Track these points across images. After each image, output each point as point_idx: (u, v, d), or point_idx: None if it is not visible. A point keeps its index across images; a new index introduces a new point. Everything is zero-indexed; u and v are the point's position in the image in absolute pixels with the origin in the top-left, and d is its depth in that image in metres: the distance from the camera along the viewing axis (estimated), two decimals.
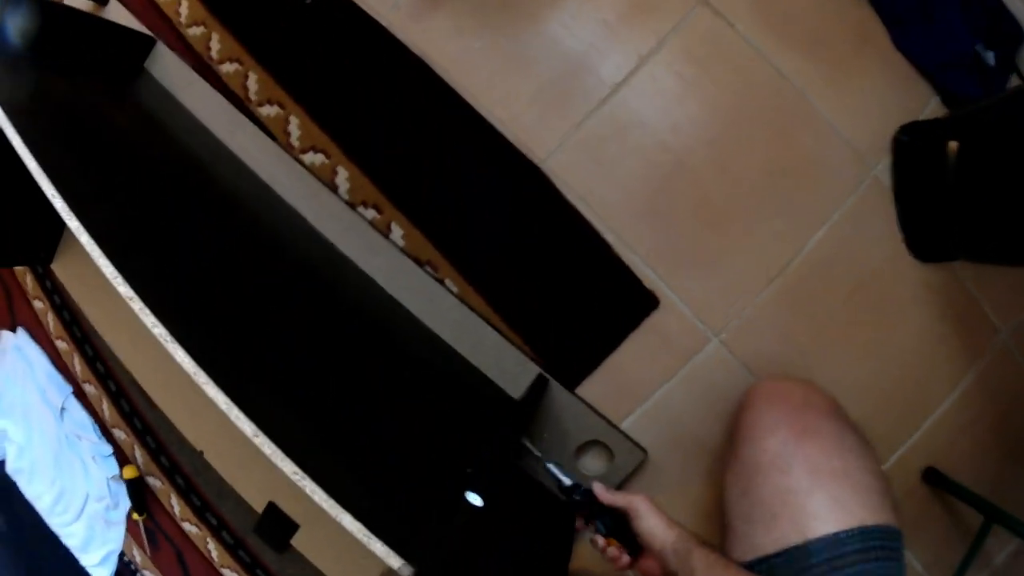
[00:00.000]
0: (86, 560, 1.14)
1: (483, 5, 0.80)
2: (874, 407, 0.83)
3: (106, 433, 1.06)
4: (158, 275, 0.56)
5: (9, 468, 1.18)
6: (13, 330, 1.13)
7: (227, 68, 0.88)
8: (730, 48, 0.77)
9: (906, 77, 0.80)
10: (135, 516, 1.04)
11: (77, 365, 1.08)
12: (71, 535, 1.14)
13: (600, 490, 0.66)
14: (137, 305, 0.48)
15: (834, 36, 0.78)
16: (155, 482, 1.04)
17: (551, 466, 0.67)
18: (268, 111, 0.86)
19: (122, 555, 1.11)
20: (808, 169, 0.79)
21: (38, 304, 1.11)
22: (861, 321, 0.82)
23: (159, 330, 0.48)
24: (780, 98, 0.77)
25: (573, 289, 0.78)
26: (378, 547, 0.40)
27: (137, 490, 1.04)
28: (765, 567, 0.57)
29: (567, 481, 0.67)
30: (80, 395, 1.08)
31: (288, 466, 0.44)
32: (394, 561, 0.40)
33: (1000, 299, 0.87)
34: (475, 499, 0.48)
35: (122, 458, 1.05)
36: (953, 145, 0.73)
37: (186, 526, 1.03)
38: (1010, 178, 0.66)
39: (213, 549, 1.01)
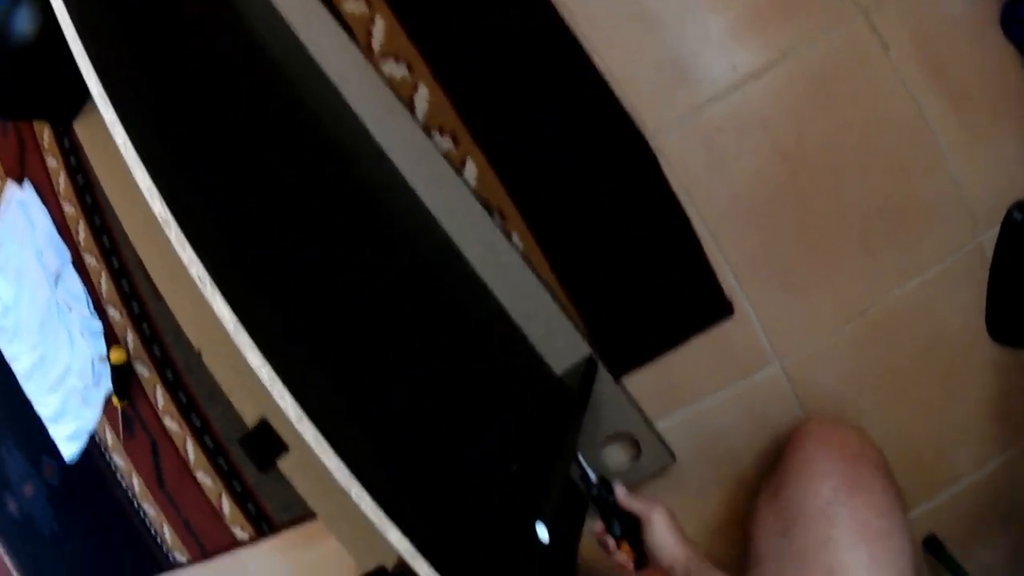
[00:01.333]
0: (56, 431, 1.09)
1: None
2: (905, 463, 0.81)
3: (99, 309, 1.00)
4: (190, 182, 0.47)
5: None
6: (20, 183, 1.04)
7: None
8: (877, 71, 0.70)
9: None
10: (115, 401, 0.99)
11: (81, 232, 1.00)
12: (44, 404, 1.09)
13: (622, 494, 0.64)
14: (173, 232, 0.41)
15: (984, 94, 0.72)
16: (142, 370, 0.98)
17: (581, 458, 0.64)
18: (352, 6, 0.76)
19: (94, 436, 1.07)
20: (919, 217, 0.74)
21: (51, 161, 1.02)
22: (922, 381, 0.79)
23: (197, 269, 0.40)
24: (913, 137, 0.72)
25: (648, 275, 0.72)
26: (425, 571, 0.37)
27: (122, 375, 0.98)
28: None
29: (593, 476, 0.64)
30: (79, 265, 1.00)
31: (333, 461, 0.38)
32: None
33: None
34: (543, 533, 0.43)
35: (111, 339, 0.99)
36: None
37: (167, 421, 0.98)
38: None
39: (191, 450, 0.97)
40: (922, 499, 0.87)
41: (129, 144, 0.41)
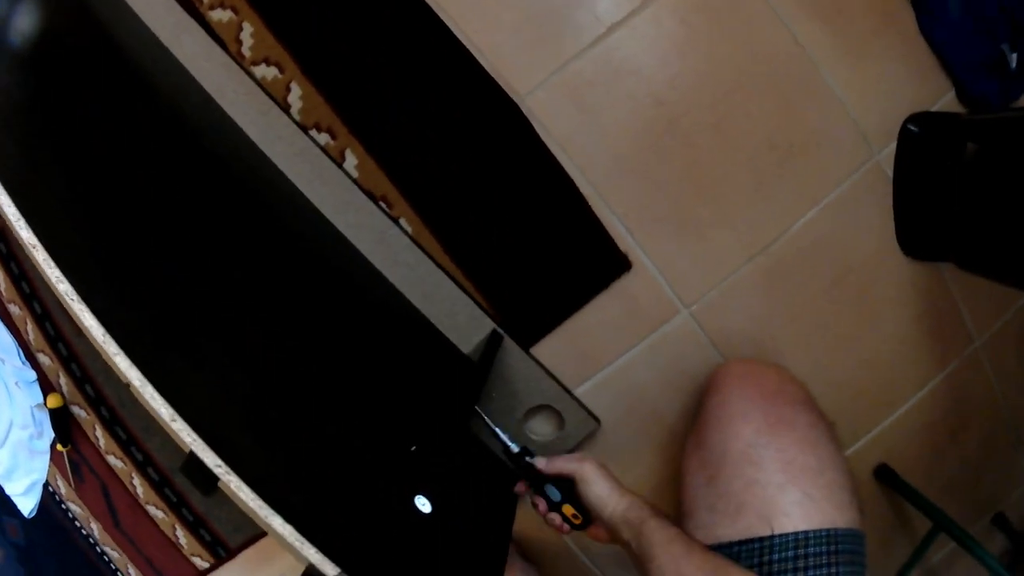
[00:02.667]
0: (11, 489, 1.08)
1: None
2: (838, 397, 0.81)
3: (30, 359, 0.99)
4: (65, 200, 0.48)
5: None
6: None
7: None
8: (744, 4, 0.70)
9: (924, 66, 0.74)
10: (59, 447, 0.98)
11: (1, 283, 0.99)
12: None
13: (543, 464, 0.62)
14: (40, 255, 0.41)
15: (859, 10, 0.72)
16: (80, 412, 0.98)
17: (498, 431, 0.63)
18: (220, 15, 0.76)
19: (47, 485, 1.06)
20: (809, 145, 0.73)
21: None
22: (839, 311, 0.79)
23: (64, 286, 0.41)
24: (792, 66, 0.72)
25: (540, 241, 0.72)
26: (312, 554, 0.38)
27: (62, 420, 0.97)
28: (726, 553, 0.54)
29: (514, 448, 0.63)
30: (3, 315, 1.00)
31: (210, 458, 0.38)
32: (330, 570, 0.38)
33: (980, 309, 0.85)
34: (425, 505, 0.43)
35: (46, 385, 0.98)
36: (971, 147, 0.69)
37: (111, 459, 0.97)
38: (1019, 198, 0.63)
39: (139, 485, 0.96)
40: (865, 430, 0.87)
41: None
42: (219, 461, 0.40)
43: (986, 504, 0.99)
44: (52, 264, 0.42)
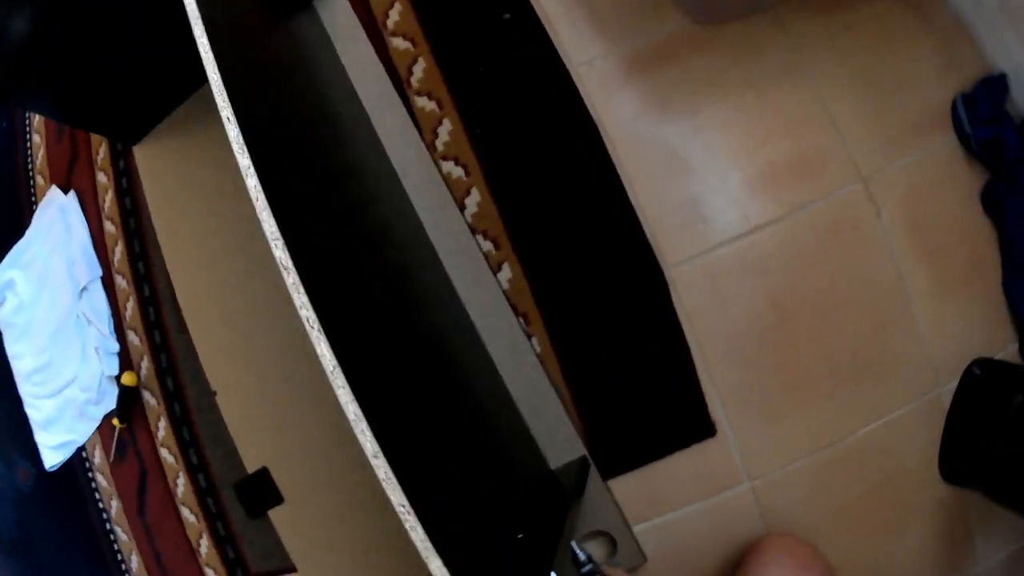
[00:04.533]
0: (42, 438, 1.09)
1: (672, 100, 0.83)
2: None
3: (119, 331, 1.03)
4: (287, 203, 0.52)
5: (1, 317, 1.12)
6: (66, 191, 1.09)
7: (398, 43, 0.88)
8: (868, 233, 0.82)
9: (999, 317, 0.85)
10: (115, 422, 1.01)
11: (118, 253, 1.04)
12: (38, 408, 1.09)
13: (608, 569, 0.67)
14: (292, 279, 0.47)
15: (957, 254, 0.83)
16: (150, 398, 1.01)
17: (572, 542, 0.69)
18: (424, 103, 0.86)
19: (82, 450, 1.07)
20: (887, 366, 0.83)
21: (101, 177, 1.07)
22: (876, 512, 0.86)
23: (309, 313, 0.46)
24: (890, 296, 0.82)
25: (645, 392, 0.80)
26: None
27: (128, 399, 1.00)
28: None
29: (582, 556, 0.69)
30: (108, 284, 1.04)
31: (397, 497, 0.43)
32: None
33: (992, 535, 0.92)
34: None
35: (126, 363, 1.02)
36: (1020, 398, 0.79)
37: (163, 452, 1.00)
38: None
39: (181, 484, 0.99)
40: None
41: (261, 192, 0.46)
42: (404, 501, 0.43)
43: None
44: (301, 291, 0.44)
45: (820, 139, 0.83)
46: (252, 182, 0.47)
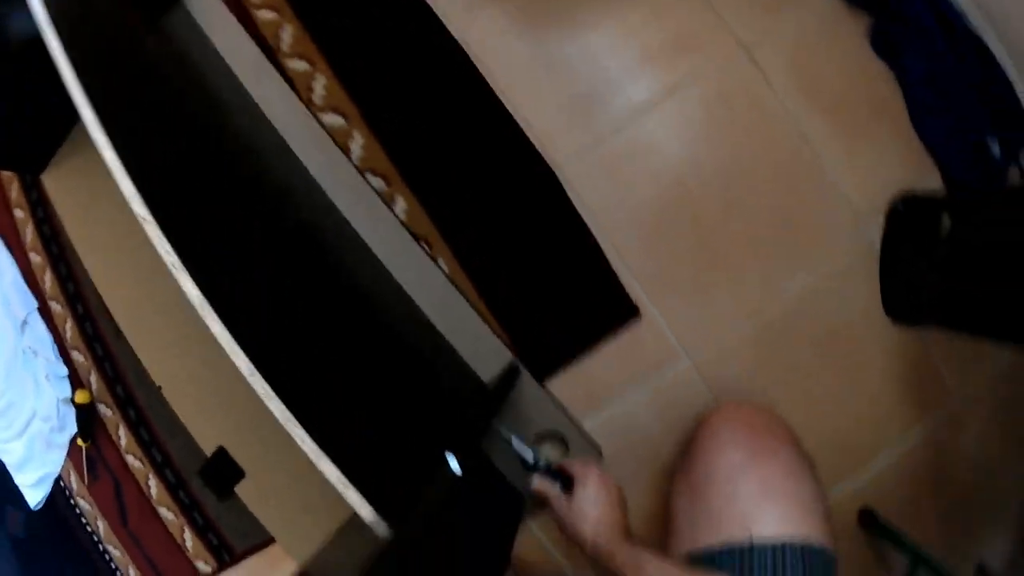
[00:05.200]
0: (21, 479, 1.11)
1: (533, 9, 0.83)
2: (823, 445, 0.85)
3: (64, 354, 1.04)
4: (168, 201, 0.55)
5: None
6: None
7: (263, 14, 0.89)
8: (761, 99, 0.82)
9: (913, 152, 0.85)
10: (80, 442, 1.02)
11: (48, 281, 1.05)
12: (8, 452, 1.11)
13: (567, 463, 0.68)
14: (152, 230, 0.48)
15: (856, 103, 0.83)
16: (106, 410, 1.02)
17: (515, 438, 0.70)
18: (296, 65, 0.87)
19: (59, 479, 1.09)
20: (807, 222, 0.84)
21: (19, 213, 1.09)
22: (827, 368, 0.86)
23: (171, 258, 0.47)
24: (797, 156, 0.83)
25: (560, 288, 0.81)
26: (353, 497, 0.41)
27: (86, 416, 1.02)
28: (707, 559, 0.59)
29: (530, 456, 0.70)
30: (45, 312, 1.06)
31: (277, 406, 0.44)
32: (367, 513, 0.40)
33: (958, 370, 0.92)
34: (454, 464, 0.50)
35: (76, 382, 1.03)
36: (947, 223, 0.78)
37: (130, 459, 1.01)
38: (991, 266, 0.72)
39: (153, 486, 1.00)
40: (849, 476, 0.91)
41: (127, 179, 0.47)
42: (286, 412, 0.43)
43: (967, 555, 1.03)
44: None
45: (694, 18, 0.83)
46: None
